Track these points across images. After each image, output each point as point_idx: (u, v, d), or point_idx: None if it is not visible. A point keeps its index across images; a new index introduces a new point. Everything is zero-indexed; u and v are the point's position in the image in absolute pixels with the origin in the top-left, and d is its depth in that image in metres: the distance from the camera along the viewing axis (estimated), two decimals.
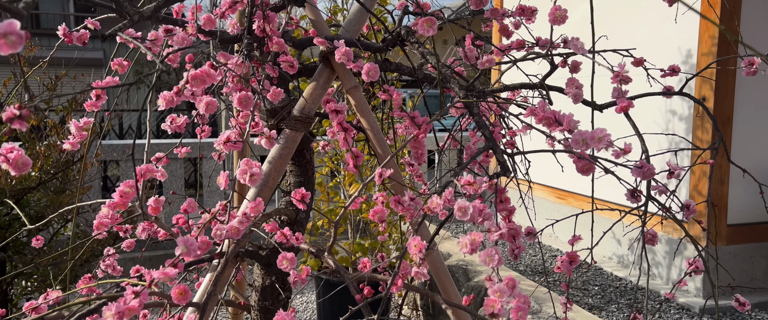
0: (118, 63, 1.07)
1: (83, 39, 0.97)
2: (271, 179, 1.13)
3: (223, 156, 1.43)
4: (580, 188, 4.09)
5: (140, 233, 1.31)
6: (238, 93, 0.95)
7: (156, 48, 1.07)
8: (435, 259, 1.18)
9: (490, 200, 0.94)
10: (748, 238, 3.17)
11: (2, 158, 0.60)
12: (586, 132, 0.84)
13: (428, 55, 1.07)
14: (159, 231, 1.25)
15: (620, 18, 3.40)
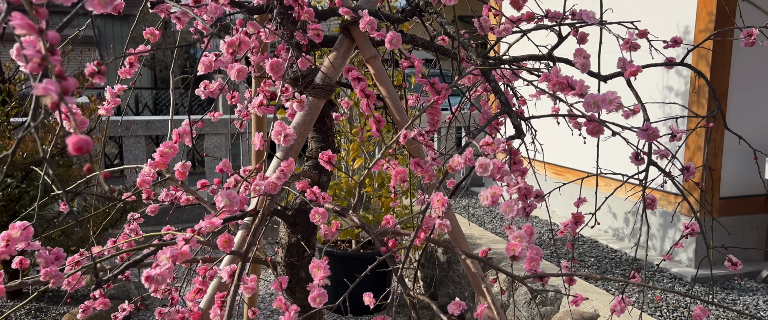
0: (151, 32, 1.13)
1: (119, 8, 1.02)
2: (296, 143, 1.19)
3: (244, 125, 1.49)
4: (576, 163, 4.18)
5: (164, 198, 1.37)
6: (269, 60, 1.00)
7: (184, 20, 1.12)
8: (451, 217, 1.25)
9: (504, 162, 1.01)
10: (739, 210, 3.28)
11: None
12: (597, 95, 0.91)
13: (446, 24, 1.13)
14: (181, 197, 1.31)
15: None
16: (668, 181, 1.21)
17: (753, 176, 3.26)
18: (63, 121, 0.54)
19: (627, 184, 2.76)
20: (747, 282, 3.15)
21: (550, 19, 1.32)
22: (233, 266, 0.95)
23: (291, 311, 0.91)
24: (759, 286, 3.11)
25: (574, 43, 1.28)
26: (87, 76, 0.59)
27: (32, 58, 0.38)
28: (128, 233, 1.36)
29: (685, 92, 3.22)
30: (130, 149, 4.44)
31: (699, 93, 3.12)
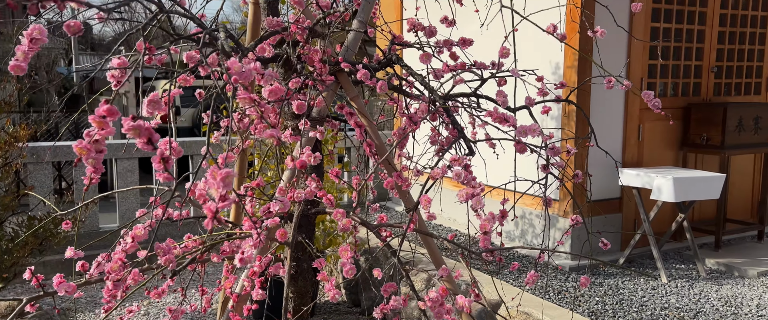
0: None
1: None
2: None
3: (238, 150, 1.78)
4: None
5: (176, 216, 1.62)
6: (296, 101, 1.35)
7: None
8: (420, 216, 1.66)
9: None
10: (601, 212, 4.07)
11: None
12: (527, 126, 1.38)
13: (413, 74, 1.56)
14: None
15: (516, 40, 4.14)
16: (548, 188, 1.71)
17: (609, 184, 4.07)
18: None
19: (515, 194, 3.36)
20: (609, 269, 3.92)
21: (476, 68, 1.81)
22: (269, 256, 1.27)
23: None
24: (617, 271, 3.88)
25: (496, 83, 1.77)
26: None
27: None
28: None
29: (559, 116, 3.95)
30: (37, 177, 4.30)
31: (569, 117, 3.86)
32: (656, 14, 4.09)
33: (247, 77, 0.93)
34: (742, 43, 4.53)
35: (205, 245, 1.28)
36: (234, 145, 1.74)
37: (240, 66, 0.90)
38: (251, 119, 1.37)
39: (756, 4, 4.53)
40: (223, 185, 0.79)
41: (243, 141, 1.59)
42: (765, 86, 4.70)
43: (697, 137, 4.22)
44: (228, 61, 0.91)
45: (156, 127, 0.95)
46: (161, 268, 1.16)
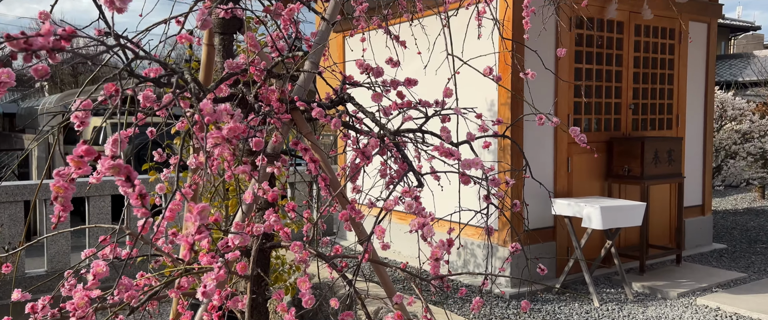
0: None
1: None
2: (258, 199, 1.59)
3: (195, 187, 1.80)
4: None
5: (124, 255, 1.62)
6: (254, 139, 1.41)
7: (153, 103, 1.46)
8: (372, 247, 1.73)
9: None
10: (538, 239, 4.29)
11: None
12: (470, 159, 1.51)
13: (365, 112, 1.66)
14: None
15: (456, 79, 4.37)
16: (489, 218, 1.84)
17: (546, 213, 4.31)
18: None
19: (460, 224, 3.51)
20: (545, 295, 4.11)
21: (421, 106, 1.93)
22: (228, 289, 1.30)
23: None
24: (554, 296, 4.08)
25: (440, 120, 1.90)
26: None
27: None
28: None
29: (495, 150, 4.18)
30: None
31: (504, 151, 4.09)
32: (579, 56, 4.46)
33: (218, 117, 0.99)
34: (654, 83, 5.00)
35: (163, 281, 1.29)
36: (186, 182, 1.76)
37: (211, 107, 0.96)
38: (221, 158, 1.41)
39: (664, 48, 5.03)
40: (199, 219, 0.84)
41: (201, 178, 1.62)
42: (675, 121, 5.18)
43: (619, 168, 4.56)
44: (201, 103, 0.97)
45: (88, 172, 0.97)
46: (122, 305, 1.17)
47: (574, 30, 4.41)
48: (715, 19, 5.38)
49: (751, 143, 8.13)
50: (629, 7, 4.67)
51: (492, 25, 2.51)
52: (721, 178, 8.45)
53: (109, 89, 1.05)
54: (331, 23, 1.75)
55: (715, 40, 5.43)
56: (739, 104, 8.54)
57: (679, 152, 4.70)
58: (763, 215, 7.33)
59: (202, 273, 1.25)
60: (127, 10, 0.97)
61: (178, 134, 3.58)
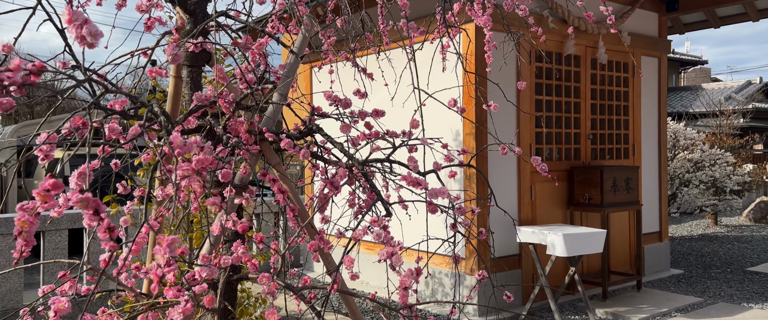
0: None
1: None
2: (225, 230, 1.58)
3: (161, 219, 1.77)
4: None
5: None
6: (222, 170, 1.42)
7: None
8: (341, 277, 1.73)
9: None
10: (503, 267, 4.34)
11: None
12: (437, 188, 1.54)
13: (333, 142, 1.69)
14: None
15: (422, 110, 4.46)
16: (456, 246, 1.88)
17: (511, 241, 4.38)
18: None
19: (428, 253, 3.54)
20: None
21: (389, 136, 1.97)
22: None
23: None
24: None
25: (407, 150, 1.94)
26: None
27: None
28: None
29: (461, 178, 4.25)
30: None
31: (470, 180, 4.17)
32: (539, 88, 4.62)
33: (188, 150, 1.00)
34: (611, 114, 5.21)
35: (127, 316, 1.26)
36: (151, 214, 1.74)
37: (182, 139, 0.97)
38: (188, 190, 1.40)
39: (619, 81, 5.26)
40: (169, 251, 0.84)
41: (166, 210, 1.60)
42: (632, 151, 5.39)
43: (580, 196, 4.70)
44: (171, 136, 0.97)
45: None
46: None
47: (534, 64, 4.58)
48: (665, 54, 5.68)
49: (703, 172, 8.50)
50: (586, 42, 4.89)
51: (456, 59, 2.60)
52: (676, 205, 8.77)
53: (77, 121, 1.05)
54: (299, 56, 1.78)
55: (666, 73, 5.72)
56: (691, 134, 8.94)
57: (636, 181, 4.88)
58: (716, 241, 7.62)
59: (168, 307, 1.23)
60: (97, 46, 0.98)
61: (140, 166, 3.52)
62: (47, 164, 1.20)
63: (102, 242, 0.86)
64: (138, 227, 1.39)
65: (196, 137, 1.05)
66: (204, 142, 1.58)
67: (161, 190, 1.46)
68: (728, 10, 5.96)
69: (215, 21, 1.65)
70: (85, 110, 0.97)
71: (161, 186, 1.53)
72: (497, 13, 2.38)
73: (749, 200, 10.91)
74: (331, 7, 2.17)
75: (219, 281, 1.46)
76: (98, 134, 1.46)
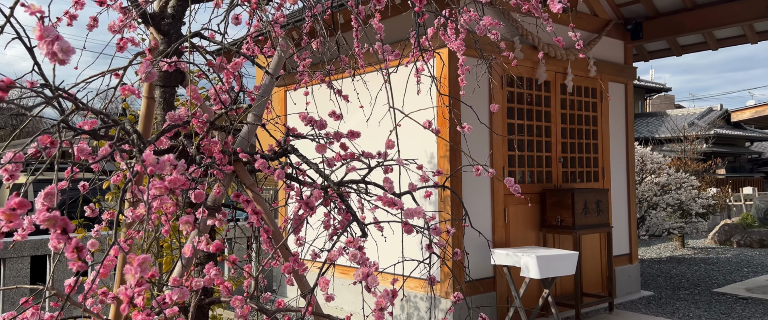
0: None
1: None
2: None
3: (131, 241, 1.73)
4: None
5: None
6: (193, 191, 1.40)
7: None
8: (316, 300, 1.71)
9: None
10: (478, 289, 4.34)
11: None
12: (413, 208, 1.54)
13: (308, 163, 1.68)
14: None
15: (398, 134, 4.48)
16: (430, 268, 1.87)
17: (486, 263, 4.39)
18: None
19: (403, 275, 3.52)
20: None
21: (364, 157, 1.98)
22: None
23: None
24: None
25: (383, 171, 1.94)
26: None
27: None
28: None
29: (436, 200, 4.27)
30: None
31: (445, 202, 4.18)
32: (511, 112, 4.71)
33: (161, 168, 0.98)
34: (581, 137, 5.33)
35: None
36: (120, 237, 1.69)
37: (155, 158, 0.95)
38: (159, 212, 1.37)
39: (588, 106, 5.41)
40: (140, 270, 0.81)
41: (137, 232, 1.56)
42: (601, 174, 5.50)
43: (553, 218, 4.76)
44: (144, 154, 0.96)
45: (8, 230, 0.92)
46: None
47: (506, 88, 4.67)
48: (631, 80, 5.87)
49: (669, 195, 8.72)
50: (555, 68, 5.02)
51: (430, 82, 2.63)
52: (645, 228, 8.95)
53: (44, 141, 1.02)
54: (274, 77, 1.79)
55: (632, 99, 5.90)
56: (657, 159, 9.20)
57: (606, 203, 4.97)
58: (684, 263, 7.78)
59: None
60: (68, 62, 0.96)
61: (108, 189, 3.43)
62: (11, 185, 1.16)
63: (70, 262, 0.83)
64: (105, 252, 1.35)
65: (169, 155, 1.03)
66: (179, 161, 1.56)
67: (131, 211, 1.42)
68: (689, 39, 6.22)
69: (189, 42, 1.64)
70: (54, 129, 0.94)
71: (131, 208, 1.50)
72: (470, 38, 2.44)
73: (714, 223, 11.22)
74: (306, 29, 2.19)
75: (190, 304, 1.42)
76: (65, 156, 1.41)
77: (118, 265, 1.88)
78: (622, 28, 5.77)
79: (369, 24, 2.15)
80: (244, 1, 1.51)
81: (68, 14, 1.64)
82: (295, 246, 1.82)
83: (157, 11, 1.64)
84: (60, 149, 1.02)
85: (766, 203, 10.35)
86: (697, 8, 5.41)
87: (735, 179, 20.19)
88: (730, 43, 5.97)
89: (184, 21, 1.89)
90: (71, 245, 0.81)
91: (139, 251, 3.04)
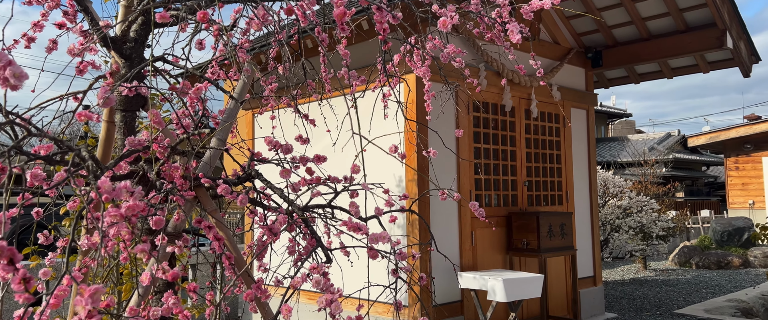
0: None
1: None
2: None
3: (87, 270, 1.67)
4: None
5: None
6: (154, 217, 1.37)
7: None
8: None
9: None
10: (445, 314, 4.33)
11: None
12: (377, 233, 1.54)
13: (272, 188, 1.67)
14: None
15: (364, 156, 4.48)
16: (398, 293, 1.87)
17: (453, 287, 4.39)
18: None
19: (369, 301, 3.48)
20: None
21: (330, 181, 1.97)
22: None
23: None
24: None
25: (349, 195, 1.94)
26: None
27: None
28: None
29: (404, 224, 4.27)
30: None
31: (413, 226, 4.19)
32: (477, 137, 4.79)
33: (116, 195, 0.96)
34: (545, 162, 5.44)
35: None
36: (75, 265, 1.63)
37: (111, 185, 0.93)
38: (117, 238, 1.33)
39: (551, 131, 5.54)
40: (91, 302, 0.78)
41: (93, 261, 1.51)
42: (565, 197, 5.62)
43: (519, 241, 4.81)
44: (99, 181, 0.93)
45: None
46: None
47: (472, 113, 4.75)
48: (592, 106, 6.06)
49: (631, 218, 8.95)
50: (520, 94, 5.15)
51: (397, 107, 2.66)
52: (608, 250, 9.14)
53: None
54: (238, 102, 1.78)
55: (594, 124, 6.08)
56: (619, 182, 9.45)
57: (570, 226, 5.07)
58: (646, 285, 7.95)
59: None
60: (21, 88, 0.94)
61: (67, 215, 3.31)
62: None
63: (16, 294, 0.79)
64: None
65: (126, 182, 1.01)
66: (136, 188, 1.53)
67: (87, 239, 1.38)
68: (646, 68, 6.48)
69: (152, 66, 1.62)
70: (4, 155, 0.92)
71: (87, 235, 1.45)
72: (436, 65, 2.49)
73: (674, 245, 11.54)
74: (273, 54, 2.19)
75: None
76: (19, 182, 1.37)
77: (73, 294, 1.81)
78: (583, 56, 5.97)
79: (336, 50, 2.17)
80: (207, 27, 1.50)
81: (26, 36, 1.60)
82: (260, 272, 1.79)
83: (119, 35, 1.62)
84: (11, 175, 0.98)
85: (722, 225, 10.72)
86: (652, 39, 5.66)
87: (693, 202, 20.88)
88: (684, 72, 6.25)
89: (149, 44, 1.87)
90: (18, 276, 0.78)
91: (98, 279, 2.94)
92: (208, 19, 1.35)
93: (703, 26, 5.33)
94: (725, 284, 7.91)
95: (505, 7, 1.75)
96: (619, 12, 5.52)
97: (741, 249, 10.12)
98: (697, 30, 5.36)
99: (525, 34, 1.91)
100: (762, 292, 6.81)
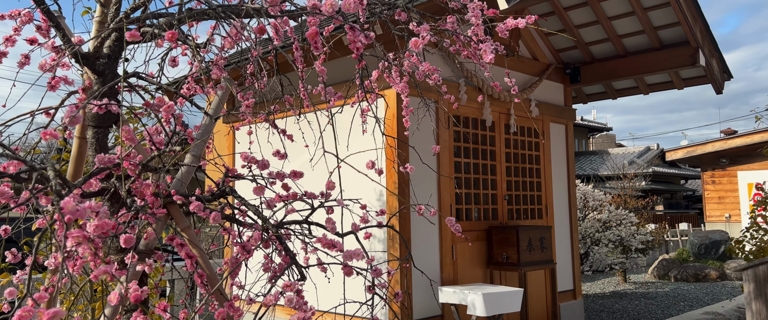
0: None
1: None
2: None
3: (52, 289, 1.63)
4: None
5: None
6: (124, 236, 1.35)
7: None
8: None
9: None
10: None
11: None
12: (352, 250, 1.54)
13: (246, 204, 1.66)
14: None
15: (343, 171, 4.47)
16: (375, 309, 1.87)
17: (434, 301, 4.38)
18: None
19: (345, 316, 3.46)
20: None
21: (307, 197, 1.97)
22: None
23: None
24: None
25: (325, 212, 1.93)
26: None
27: None
28: None
29: (385, 239, 4.26)
30: None
31: (393, 240, 4.19)
32: (458, 151, 4.82)
33: (81, 215, 0.94)
34: (525, 176, 5.49)
35: None
36: (44, 284, 1.60)
37: (74, 205, 0.91)
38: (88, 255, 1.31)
39: (530, 145, 5.60)
40: None
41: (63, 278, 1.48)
42: (545, 211, 5.67)
43: (499, 255, 4.83)
44: (62, 201, 0.92)
45: None
46: None
47: (452, 128, 4.79)
48: (571, 121, 6.14)
49: (611, 231, 9.05)
50: (500, 109, 5.20)
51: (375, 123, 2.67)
52: (588, 263, 9.22)
53: None
54: (213, 118, 1.77)
55: (573, 139, 6.16)
56: (599, 196, 9.57)
57: (550, 240, 5.11)
58: (625, 298, 8.02)
59: None
60: None
61: (39, 230, 3.25)
62: None
63: None
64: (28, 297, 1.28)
65: (90, 201, 1.00)
66: (107, 205, 1.51)
67: (54, 257, 1.35)
68: (623, 84, 6.60)
69: (126, 82, 1.61)
70: None
71: (55, 253, 1.42)
72: (412, 81, 2.52)
73: (653, 258, 11.68)
74: (250, 70, 2.19)
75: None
76: None
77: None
78: (562, 72, 6.07)
79: (313, 66, 2.18)
80: (176, 46, 1.50)
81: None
82: (235, 288, 1.77)
83: (92, 51, 1.61)
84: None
85: (699, 238, 10.89)
86: (628, 55, 5.78)
87: (672, 215, 21.19)
88: (659, 88, 6.38)
89: (127, 58, 1.86)
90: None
91: (71, 295, 2.88)
92: (176, 39, 1.35)
93: (677, 44, 5.46)
94: (703, 297, 8.01)
95: (479, 26, 1.78)
96: (596, 29, 5.64)
97: (718, 261, 10.28)
98: (671, 48, 5.49)
99: (500, 52, 1.94)
100: (738, 305, 6.91)
